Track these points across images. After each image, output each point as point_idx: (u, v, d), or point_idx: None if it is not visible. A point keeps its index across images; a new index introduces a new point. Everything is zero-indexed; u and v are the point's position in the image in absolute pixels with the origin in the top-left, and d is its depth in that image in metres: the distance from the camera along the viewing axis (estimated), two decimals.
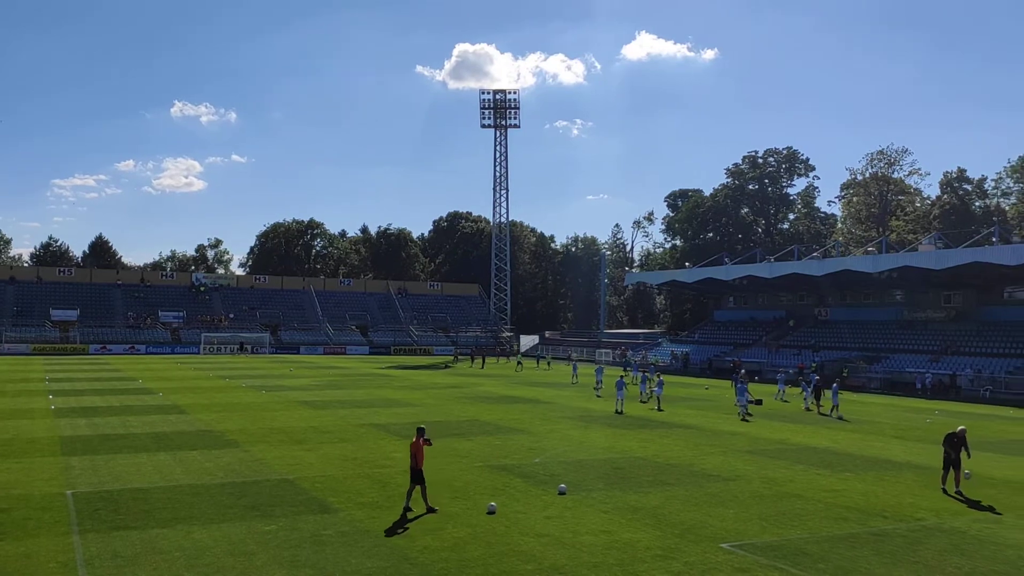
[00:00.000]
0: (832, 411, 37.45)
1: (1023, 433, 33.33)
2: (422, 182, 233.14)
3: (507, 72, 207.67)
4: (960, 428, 20.55)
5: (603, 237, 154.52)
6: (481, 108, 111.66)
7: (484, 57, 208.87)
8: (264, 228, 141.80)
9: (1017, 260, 55.10)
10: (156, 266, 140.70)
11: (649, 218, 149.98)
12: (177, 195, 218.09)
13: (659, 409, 38.87)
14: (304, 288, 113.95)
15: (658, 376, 43.70)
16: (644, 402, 41.45)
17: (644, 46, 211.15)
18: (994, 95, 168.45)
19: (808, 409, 39.98)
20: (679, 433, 30.82)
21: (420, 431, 17.70)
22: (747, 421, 34.81)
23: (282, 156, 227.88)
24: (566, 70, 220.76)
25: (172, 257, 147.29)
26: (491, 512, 17.05)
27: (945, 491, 19.98)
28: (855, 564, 13.97)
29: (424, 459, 17.22)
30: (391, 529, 15.68)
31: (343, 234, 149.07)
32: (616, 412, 37.22)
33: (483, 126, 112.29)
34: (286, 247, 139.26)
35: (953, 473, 20.08)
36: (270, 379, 54.64)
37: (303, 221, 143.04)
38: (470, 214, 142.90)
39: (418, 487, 17.08)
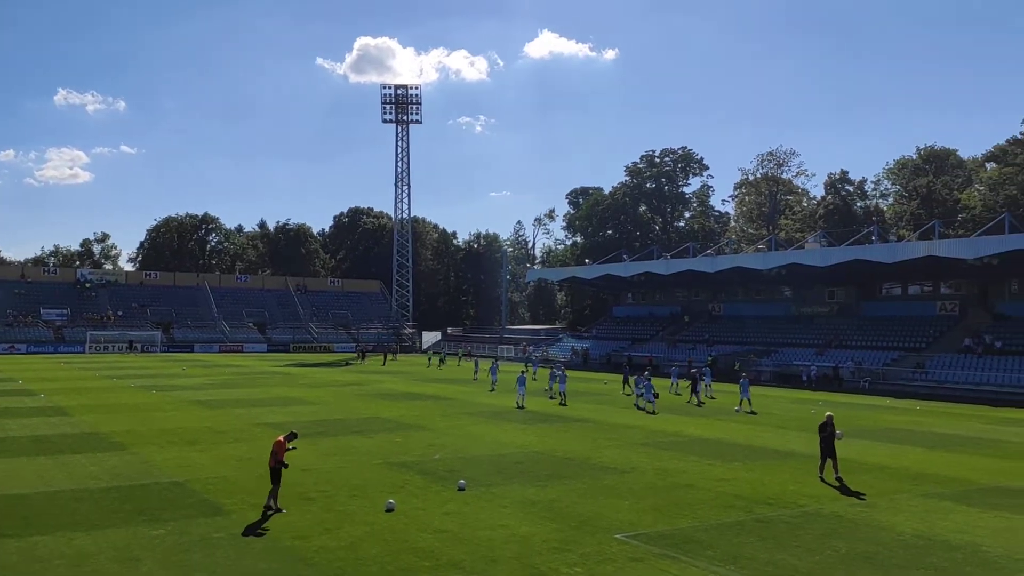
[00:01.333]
0: (741, 404, 37.86)
1: (897, 422, 35.25)
2: (322, 177, 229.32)
3: (410, 67, 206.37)
4: (827, 415, 21.65)
5: (505, 234, 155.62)
6: (382, 103, 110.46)
7: (386, 51, 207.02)
8: (155, 222, 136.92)
9: (893, 258, 58.21)
10: (38, 261, 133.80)
11: (551, 215, 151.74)
12: (61, 187, 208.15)
13: (563, 404, 39.46)
14: (198, 284, 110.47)
15: (562, 370, 44.31)
16: (553, 398, 41.88)
17: (547, 44, 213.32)
18: (874, 100, 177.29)
19: (701, 403, 41.21)
20: (577, 427, 31.34)
21: (291, 435, 17.49)
22: (654, 415, 35.61)
23: (175, 148, 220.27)
24: (469, 66, 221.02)
25: (55, 252, 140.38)
26: (389, 510, 16.99)
27: (823, 479, 20.96)
28: (741, 550, 14.55)
29: (283, 459, 16.90)
30: (268, 532, 15.43)
31: (240, 229, 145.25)
32: (517, 407, 37.59)
33: (384, 121, 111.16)
34: (179, 242, 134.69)
35: (831, 461, 21.09)
36: (161, 379, 52.82)
37: (197, 215, 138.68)
38: (372, 210, 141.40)
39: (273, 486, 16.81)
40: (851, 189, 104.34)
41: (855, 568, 13.58)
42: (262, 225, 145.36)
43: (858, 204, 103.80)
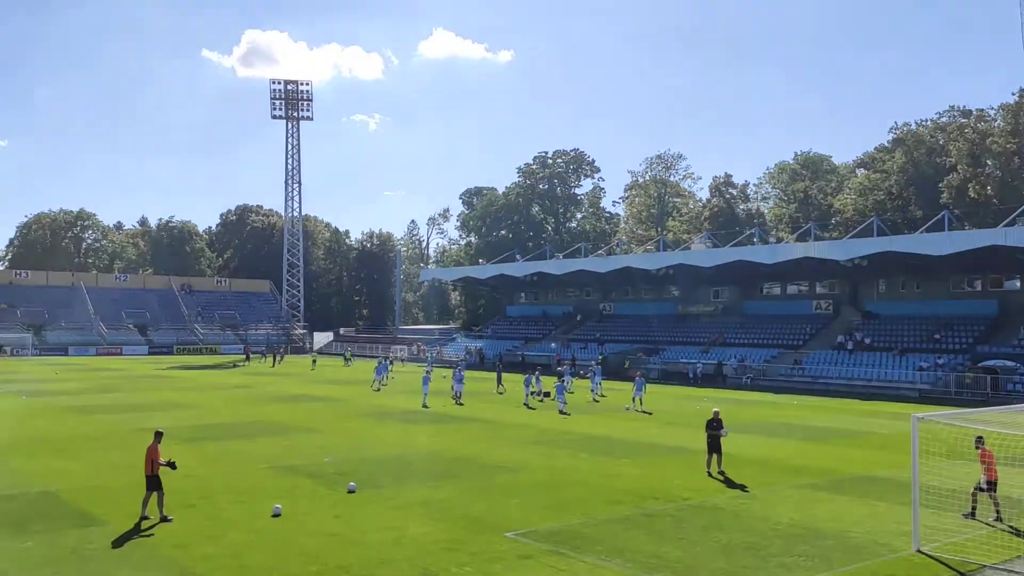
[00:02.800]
0: (633, 402, 38.15)
1: (777, 416, 36.81)
2: (209, 173, 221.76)
3: (301, 62, 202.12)
4: (715, 411, 22.46)
5: (400, 234, 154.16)
6: (272, 98, 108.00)
7: (276, 45, 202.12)
8: (26, 219, 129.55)
9: (773, 259, 60.81)
10: None
11: (445, 215, 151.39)
12: None
13: (459, 403, 39.55)
14: (73, 284, 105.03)
15: (461, 371, 44.34)
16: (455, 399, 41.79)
17: (442, 43, 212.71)
18: (756, 107, 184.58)
19: (595, 400, 41.98)
20: (471, 427, 31.41)
21: (158, 435, 16.90)
22: (567, 415, 35.98)
23: (48, 141, 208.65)
24: (363, 63, 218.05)
25: None
26: (276, 515, 16.60)
27: (709, 473, 21.68)
28: (628, 544, 14.89)
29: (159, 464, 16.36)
30: (147, 542, 14.87)
31: (119, 226, 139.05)
32: (423, 407, 37.43)
33: (274, 117, 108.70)
34: (52, 240, 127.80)
35: (716, 456, 21.85)
36: (32, 383, 50.01)
37: (72, 212, 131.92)
38: (261, 208, 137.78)
39: (155, 494, 16.22)
40: (735, 192, 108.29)
41: (735, 557, 14.10)
42: (143, 222, 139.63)
43: (741, 207, 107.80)
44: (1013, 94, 74.98)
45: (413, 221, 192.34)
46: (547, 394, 41.37)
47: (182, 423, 31.08)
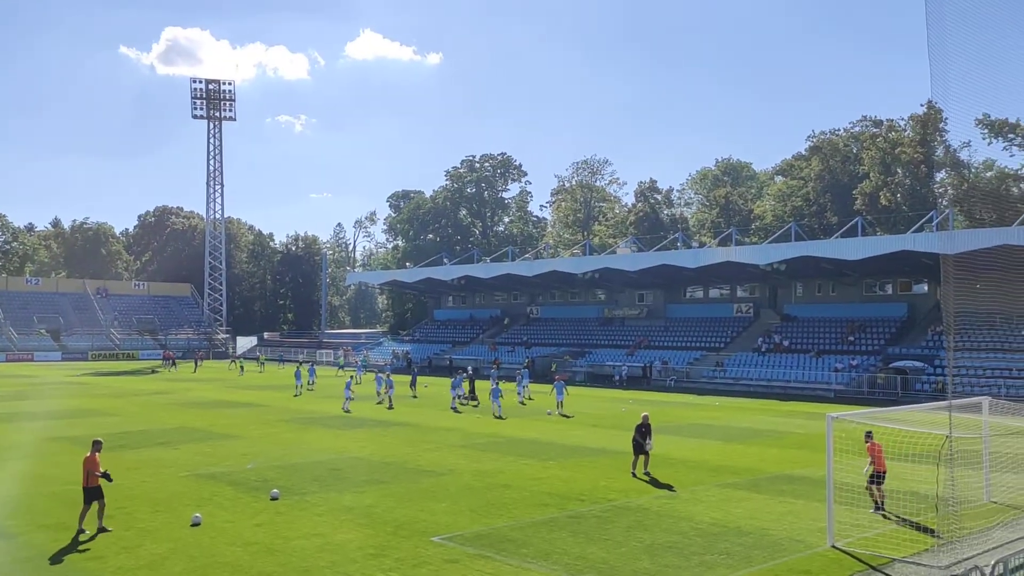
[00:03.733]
0: (557, 407, 38.08)
1: (699, 418, 37.58)
2: (126, 173, 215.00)
3: (224, 61, 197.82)
4: (644, 414, 22.83)
5: (325, 236, 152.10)
6: (193, 97, 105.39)
7: (197, 43, 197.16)
8: None
9: (696, 263, 62.12)
10: None
11: (372, 218, 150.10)
12: None
13: (390, 407, 39.30)
14: None
15: (387, 375, 44.03)
16: (380, 403, 41.41)
17: (370, 45, 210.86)
18: (680, 113, 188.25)
19: (522, 403, 42.16)
20: (397, 431, 31.22)
21: (96, 445, 16.41)
22: (502, 418, 35.96)
23: None
24: (288, 63, 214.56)
25: None
26: (195, 524, 16.21)
27: (635, 474, 22.00)
28: (554, 546, 15.01)
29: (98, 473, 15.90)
30: (60, 555, 14.37)
31: (31, 228, 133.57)
32: (345, 412, 37.00)
33: (195, 117, 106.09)
34: None
35: (642, 458, 22.20)
36: None
37: None
38: (181, 209, 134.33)
39: (95, 504, 15.75)
40: (659, 197, 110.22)
41: (659, 557, 14.35)
42: (56, 224, 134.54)
43: (665, 212, 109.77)
44: (922, 105, 78.22)
45: (339, 224, 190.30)
46: (474, 398, 41.42)
47: (98, 431, 29.94)
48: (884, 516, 17.31)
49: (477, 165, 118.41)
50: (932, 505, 16.80)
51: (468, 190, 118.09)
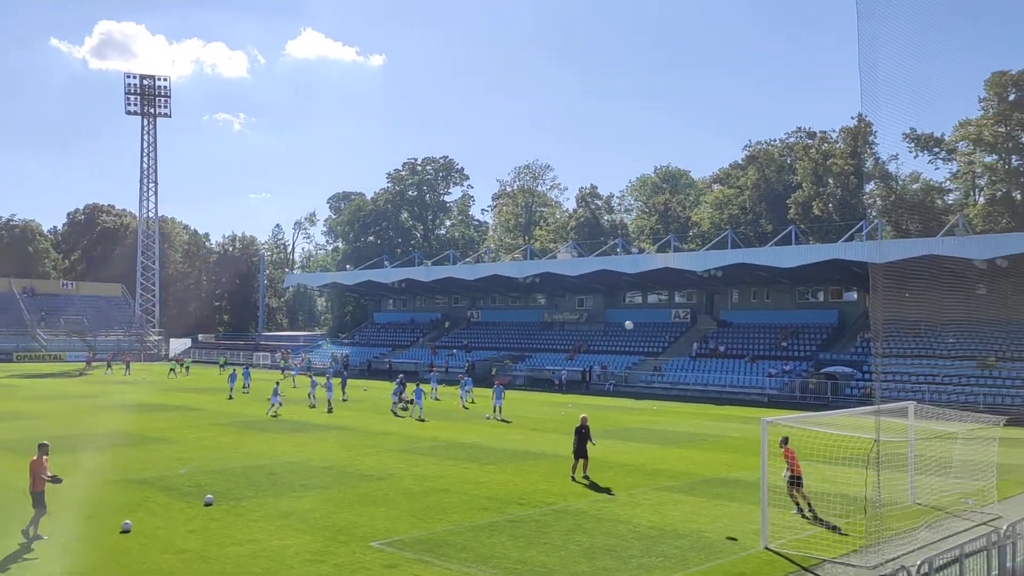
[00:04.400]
0: (494, 411, 37.83)
1: (637, 421, 38.03)
2: (55, 169, 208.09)
3: (159, 56, 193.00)
4: (582, 416, 23.02)
5: (264, 237, 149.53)
6: (126, 93, 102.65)
7: (132, 37, 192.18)
8: None
9: (636, 269, 62.92)
10: None
11: (312, 220, 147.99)
12: None
13: (329, 411, 38.95)
14: None
15: (326, 379, 43.54)
16: (313, 407, 40.87)
17: (312, 44, 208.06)
18: (620, 120, 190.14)
19: (465, 407, 42.09)
20: (336, 435, 30.89)
21: (42, 448, 15.92)
22: (422, 421, 35.80)
23: None
24: (227, 61, 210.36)
25: None
26: (125, 531, 15.80)
27: (574, 478, 22.16)
28: (493, 550, 15.03)
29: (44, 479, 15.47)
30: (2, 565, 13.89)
31: None
32: (271, 416, 36.42)
33: (128, 112, 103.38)
34: None
35: (582, 462, 22.37)
36: None
37: None
38: (113, 207, 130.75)
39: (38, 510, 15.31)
40: (600, 203, 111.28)
41: (597, 560, 14.48)
42: None
43: (606, 217, 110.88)
44: (852, 118, 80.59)
45: (278, 225, 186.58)
46: (411, 401, 41.24)
47: (25, 435, 29.05)
48: (813, 517, 17.74)
49: (419, 168, 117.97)
50: (861, 507, 17.31)
51: (410, 193, 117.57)
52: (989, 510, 18.33)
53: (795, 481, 17.84)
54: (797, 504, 18.03)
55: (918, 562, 10.61)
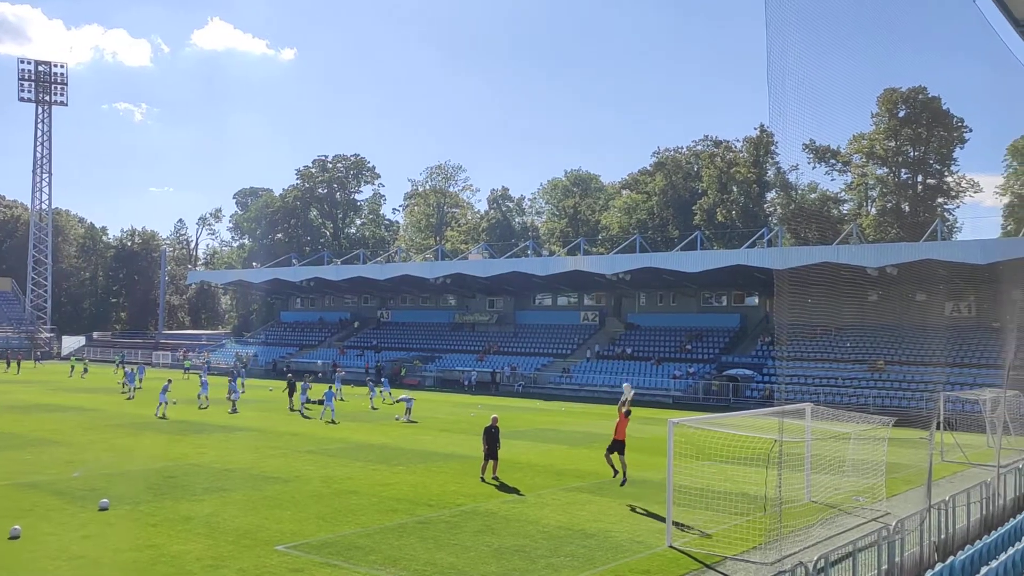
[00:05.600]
0: (406, 414, 37.46)
1: (546, 423, 38.37)
2: None
3: (56, 42, 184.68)
4: (493, 417, 23.11)
5: (166, 232, 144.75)
6: (20, 79, 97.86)
7: (27, 21, 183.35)
8: None
9: (546, 271, 63.52)
10: None
11: (217, 215, 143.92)
12: None
13: (233, 411, 38.06)
14: None
15: (235, 378, 42.42)
16: (203, 408, 39.72)
17: (219, 35, 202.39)
18: (533, 123, 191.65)
19: (374, 408, 41.66)
20: (240, 436, 30.14)
21: None
22: (307, 418, 35.24)
23: None
24: (129, 48, 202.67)
25: None
26: (14, 536, 15.04)
27: (483, 479, 22.19)
28: (402, 552, 14.92)
29: None
30: None
31: None
32: (158, 417, 35.16)
33: (21, 100, 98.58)
34: None
35: (491, 463, 22.43)
36: None
37: None
38: (3, 198, 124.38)
39: None
40: (511, 205, 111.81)
41: (506, 560, 14.54)
42: None
43: (517, 220, 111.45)
44: (755, 129, 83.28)
45: (181, 220, 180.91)
46: (320, 402, 40.57)
47: None
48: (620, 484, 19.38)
49: (330, 165, 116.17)
50: (761, 505, 17.89)
51: (320, 190, 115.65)
52: (879, 507, 19.20)
53: (617, 446, 19.04)
54: (613, 467, 19.17)
55: (814, 558, 11.02)
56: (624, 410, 21.18)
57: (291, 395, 41.66)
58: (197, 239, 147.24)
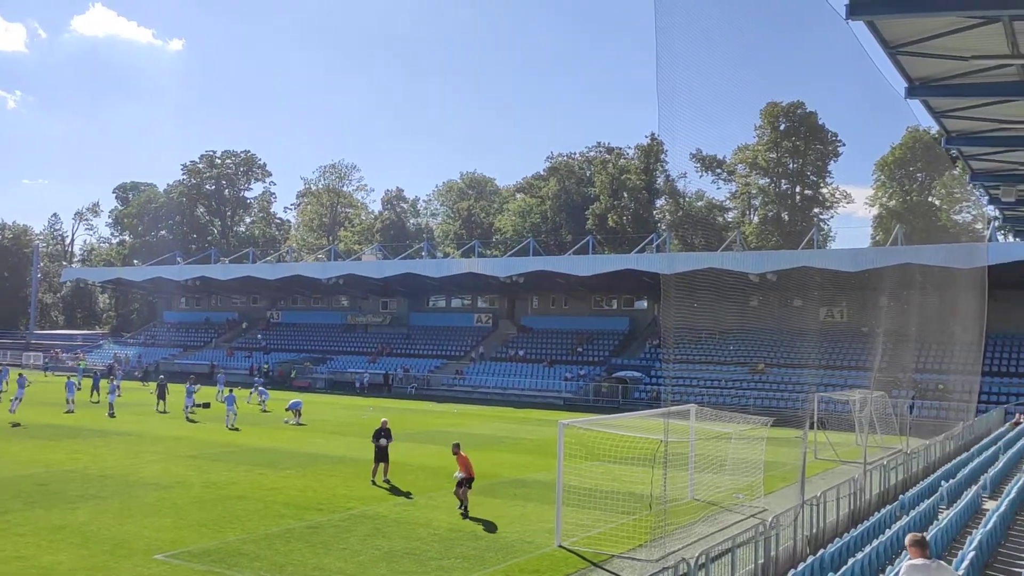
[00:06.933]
0: (295, 416, 36.48)
1: (438, 425, 38.30)
2: None
3: None
4: (383, 420, 22.94)
5: (39, 227, 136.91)
6: None
7: None
8: None
9: (440, 273, 63.45)
10: None
11: (95, 210, 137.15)
12: None
13: (111, 415, 36.35)
14: None
15: (112, 380, 40.56)
16: (69, 412, 37.78)
17: (101, 21, 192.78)
18: (428, 125, 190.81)
19: (265, 411, 40.65)
20: (119, 441, 28.88)
21: None
22: (194, 422, 34.13)
23: None
24: (3, 33, 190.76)
25: None
26: None
27: (374, 482, 21.98)
28: (289, 557, 14.63)
29: None
30: None
31: None
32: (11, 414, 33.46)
33: None
34: None
35: (382, 465, 22.24)
36: None
37: None
38: None
39: None
40: (406, 206, 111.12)
41: (397, 563, 14.46)
42: None
43: (412, 221, 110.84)
44: (646, 137, 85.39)
45: (56, 214, 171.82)
46: (206, 405, 39.36)
47: None
48: (464, 517, 18.30)
49: (218, 161, 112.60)
50: (646, 504, 18.37)
51: (207, 187, 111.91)
52: (757, 504, 20.03)
53: (466, 482, 18.60)
54: (461, 502, 18.70)
55: (696, 554, 11.42)
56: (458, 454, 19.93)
57: (161, 398, 40.25)
58: (73, 235, 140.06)
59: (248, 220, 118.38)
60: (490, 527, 17.39)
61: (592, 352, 59.79)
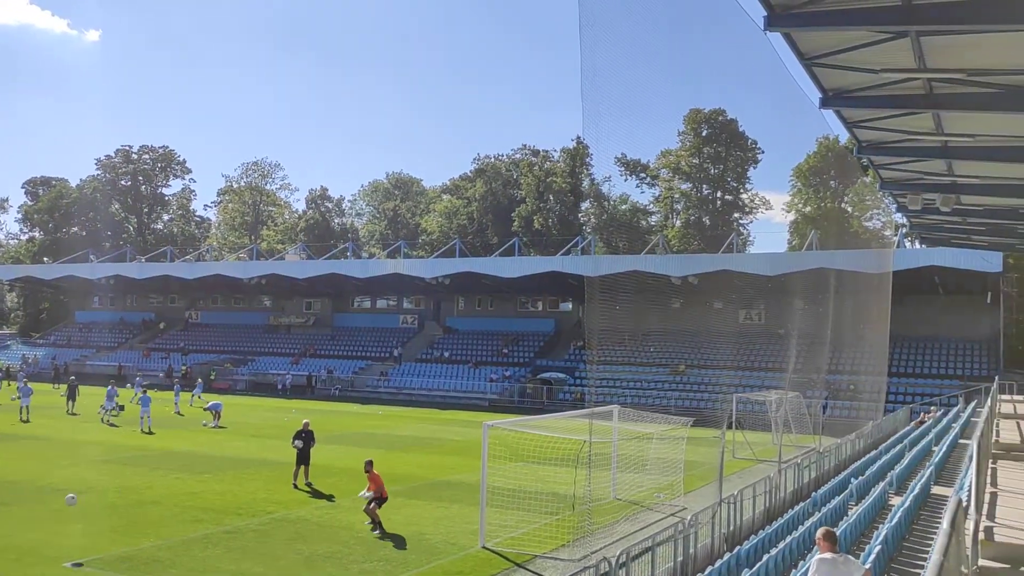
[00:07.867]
0: (215, 418, 35.76)
1: (362, 427, 37.97)
2: None
3: None
4: (304, 422, 22.65)
5: None
6: None
7: None
8: None
9: (365, 274, 62.88)
10: None
11: (3, 206, 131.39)
12: None
13: (24, 420, 34.83)
14: None
15: (25, 382, 38.85)
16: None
17: (11, 8, 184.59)
18: (354, 124, 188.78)
19: (179, 413, 39.62)
20: (26, 444, 27.80)
21: None
22: (113, 426, 33.06)
23: None
24: None
25: None
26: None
27: (296, 486, 21.65)
28: (207, 564, 14.32)
29: None
30: None
31: None
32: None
33: None
34: None
35: (303, 468, 21.93)
36: None
37: None
38: None
39: None
40: (331, 206, 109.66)
41: (318, 567, 14.30)
42: None
43: (336, 221, 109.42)
44: (572, 140, 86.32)
45: None
46: (120, 407, 38.13)
47: None
48: (382, 534, 17.18)
49: (135, 156, 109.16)
50: (569, 504, 18.57)
51: (123, 182, 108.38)
52: (677, 502, 20.46)
53: (379, 501, 17.61)
54: (373, 520, 17.55)
55: (617, 552, 11.61)
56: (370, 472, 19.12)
57: (71, 400, 39.10)
58: None
59: (166, 217, 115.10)
60: (414, 529, 17.33)
61: (517, 353, 60.06)
